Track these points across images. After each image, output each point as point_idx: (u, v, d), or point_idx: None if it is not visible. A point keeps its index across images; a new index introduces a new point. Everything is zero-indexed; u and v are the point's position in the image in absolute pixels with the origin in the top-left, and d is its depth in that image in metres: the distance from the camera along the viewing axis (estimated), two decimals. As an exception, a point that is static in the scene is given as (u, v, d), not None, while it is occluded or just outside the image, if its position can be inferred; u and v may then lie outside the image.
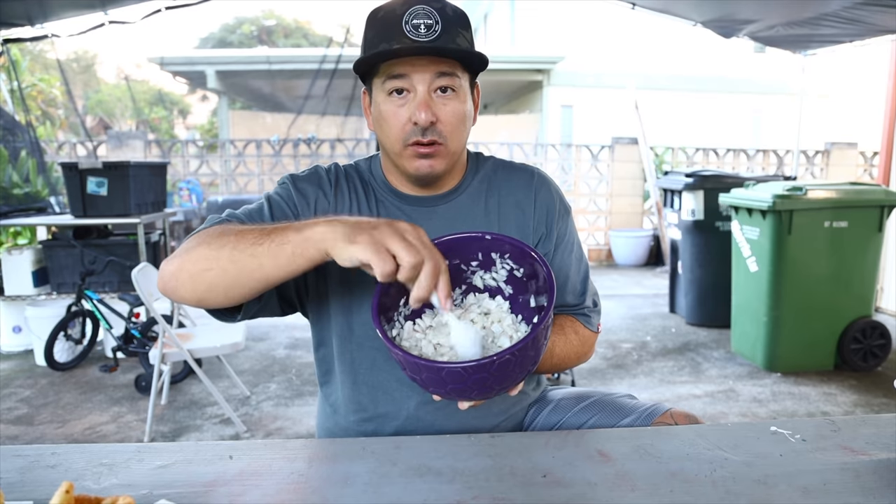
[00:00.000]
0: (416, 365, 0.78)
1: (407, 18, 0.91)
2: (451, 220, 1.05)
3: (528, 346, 0.77)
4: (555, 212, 1.09)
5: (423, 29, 0.91)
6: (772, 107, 11.35)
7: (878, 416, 0.98)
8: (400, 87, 0.93)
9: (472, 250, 0.92)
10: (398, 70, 0.93)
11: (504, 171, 1.11)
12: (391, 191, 1.06)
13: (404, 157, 0.97)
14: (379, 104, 0.97)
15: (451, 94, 0.95)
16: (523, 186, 1.08)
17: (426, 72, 0.93)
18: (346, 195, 1.05)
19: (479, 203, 1.07)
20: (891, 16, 3.87)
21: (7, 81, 4.91)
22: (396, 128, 0.95)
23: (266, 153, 7.13)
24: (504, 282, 0.93)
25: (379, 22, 0.94)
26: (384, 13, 0.94)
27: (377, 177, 1.08)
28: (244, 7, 20.57)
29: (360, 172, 1.09)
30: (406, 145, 0.96)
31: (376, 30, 0.94)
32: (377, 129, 1.00)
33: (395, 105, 0.95)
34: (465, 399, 0.83)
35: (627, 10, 4.48)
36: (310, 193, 1.03)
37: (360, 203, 1.05)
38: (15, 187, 4.56)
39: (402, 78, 0.93)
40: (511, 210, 1.07)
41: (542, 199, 1.08)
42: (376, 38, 0.94)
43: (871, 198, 3.40)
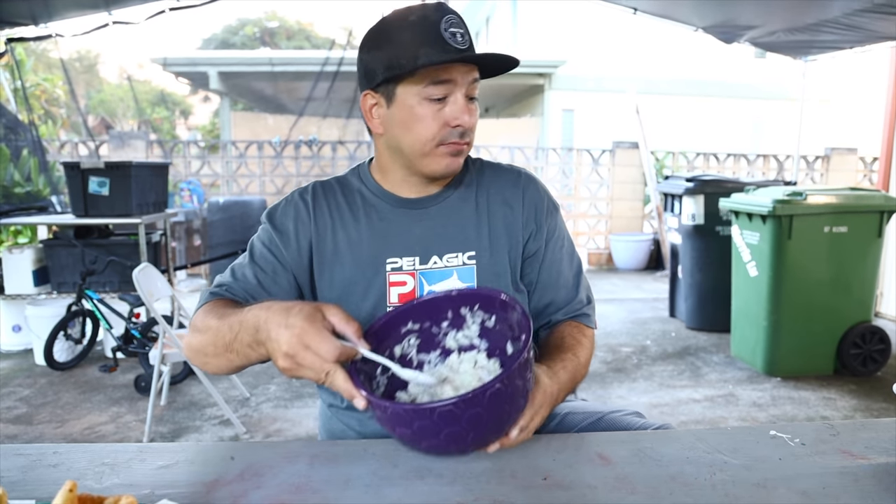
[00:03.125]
0: (405, 414, 0.75)
1: (445, 26, 0.93)
2: (442, 220, 1.07)
3: (515, 374, 0.75)
4: (543, 209, 1.11)
5: (459, 37, 0.94)
6: (772, 112, 11.36)
7: (876, 420, 0.99)
8: (445, 93, 0.96)
9: (441, 310, 0.91)
10: (444, 76, 0.95)
11: (491, 171, 1.14)
12: (386, 195, 1.08)
13: (434, 155, 1.00)
14: (412, 107, 0.97)
15: (474, 101, 1.00)
16: (511, 185, 1.11)
17: (465, 79, 0.97)
18: (325, 214, 1.07)
19: (469, 202, 1.09)
20: (891, 23, 3.88)
21: (10, 80, 4.92)
22: (432, 130, 0.98)
23: (267, 154, 7.14)
24: (478, 336, 0.92)
25: (413, 26, 0.95)
26: (416, 18, 0.95)
27: (369, 184, 1.09)
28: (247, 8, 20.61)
29: (343, 184, 1.11)
30: (437, 145, 0.99)
31: (411, 33, 0.94)
32: (398, 131, 1.00)
33: (433, 109, 0.97)
34: (461, 449, 0.79)
35: (629, 15, 4.49)
36: (289, 228, 1.06)
37: (344, 215, 1.07)
38: (16, 186, 4.57)
39: (447, 84, 0.96)
40: (500, 207, 1.09)
41: (530, 197, 1.11)
42: (414, 43, 0.94)
43: (871, 203, 3.40)
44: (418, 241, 1.05)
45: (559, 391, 0.92)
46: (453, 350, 0.94)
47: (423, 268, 1.04)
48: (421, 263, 1.04)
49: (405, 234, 1.05)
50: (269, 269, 1.04)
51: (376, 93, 1.01)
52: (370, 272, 1.04)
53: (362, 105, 1.04)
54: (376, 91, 1.01)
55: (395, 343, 0.91)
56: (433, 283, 1.04)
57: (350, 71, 5.81)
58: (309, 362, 0.78)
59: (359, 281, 1.04)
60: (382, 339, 0.90)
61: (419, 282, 1.04)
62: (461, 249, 1.06)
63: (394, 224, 1.06)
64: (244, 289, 1.03)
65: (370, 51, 1.00)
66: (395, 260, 1.04)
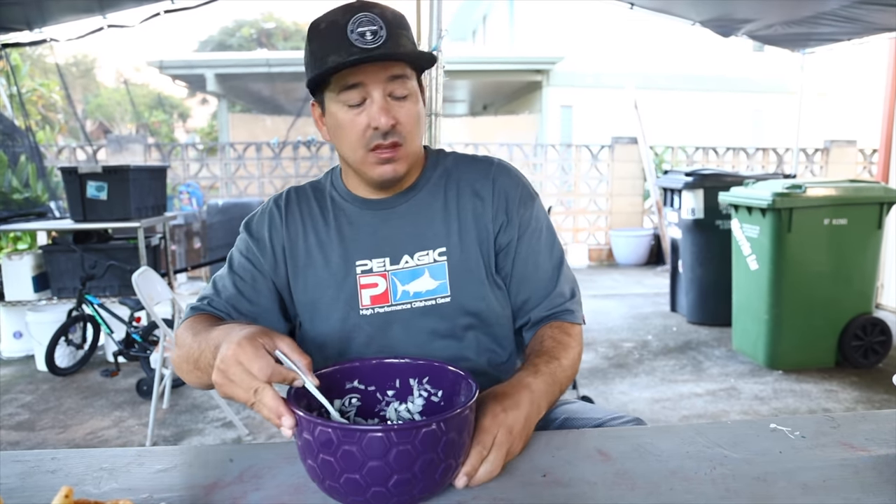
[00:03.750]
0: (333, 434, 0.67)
1: (352, 28, 0.91)
2: (412, 218, 1.05)
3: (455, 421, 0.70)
4: (515, 198, 1.07)
5: (368, 36, 0.91)
6: (771, 105, 11.34)
7: (877, 412, 0.98)
8: (357, 97, 0.94)
9: (389, 376, 0.88)
10: (352, 80, 0.93)
11: (464, 164, 1.11)
12: (353, 198, 1.08)
13: (366, 164, 0.98)
14: (335, 115, 0.97)
15: (404, 97, 0.97)
16: (481, 176, 1.08)
17: (379, 78, 0.94)
18: (297, 219, 1.07)
19: (438, 197, 1.07)
20: (889, 14, 3.87)
21: (6, 86, 4.91)
22: (356, 135, 0.96)
23: (266, 156, 7.14)
24: (419, 413, 0.88)
25: (322, 34, 0.94)
26: (326, 25, 0.94)
27: (339, 188, 1.10)
28: (243, 10, 20.60)
29: (316, 189, 1.12)
30: (368, 150, 0.97)
31: (320, 42, 0.94)
32: (335, 140, 1.01)
33: (352, 114, 0.96)
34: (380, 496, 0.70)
35: (626, 10, 4.47)
36: (264, 236, 1.07)
37: (315, 220, 1.07)
38: (15, 192, 4.57)
39: (358, 87, 0.94)
40: (469, 200, 1.06)
41: (501, 187, 1.07)
42: (322, 51, 0.94)
43: (871, 195, 3.40)
44: (388, 242, 1.04)
45: (537, 411, 0.89)
46: (392, 422, 0.89)
47: (394, 268, 1.03)
48: (392, 264, 1.03)
49: (374, 236, 1.05)
50: (248, 277, 1.05)
51: (316, 102, 1.03)
52: (340, 275, 1.03)
53: (313, 115, 1.05)
54: (316, 100, 1.02)
55: (337, 397, 0.87)
56: (406, 282, 1.03)
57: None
58: (238, 378, 0.73)
59: (330, 284, 1.03)
60: (325, 388, 0.84)
61: (391, 282, 1.03)
62: (431, 246, 1.04)
63: (362, 226, 1.05)
64: (226, 299, 1.04)
65: (304, 60, 1.00)
66: (365, 262, 1.03)
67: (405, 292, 1.03)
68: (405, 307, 1.03)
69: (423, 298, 1.03)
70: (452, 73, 2.53)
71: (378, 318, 1.02)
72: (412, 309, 1.03)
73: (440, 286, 1.03)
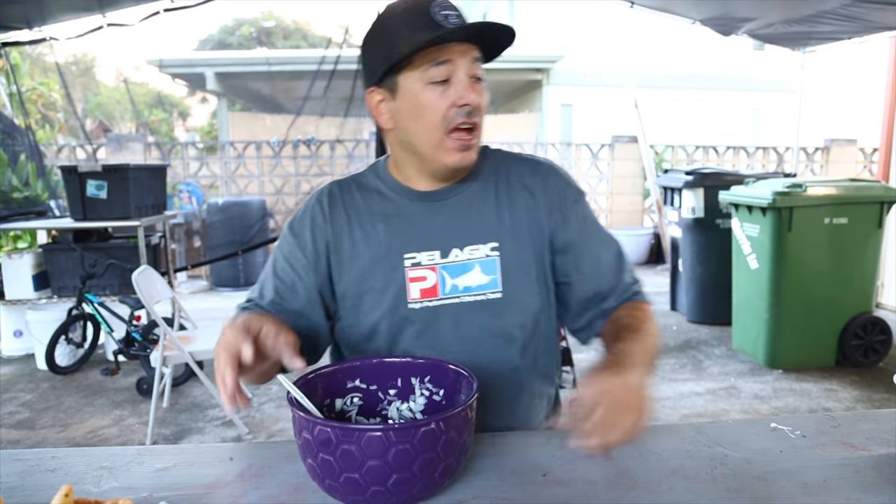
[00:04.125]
0: (332, 433, 0.68)
1: (434, 10, 0.91)
2: (463, 210, 1.03)
3: (454, 420, 0.71)
4: (569, 196, 1.07)
5: (452, 18, 0.92)
6: (771, 104, 11.34)
7: (877, 411, 0.98)
8: (445, 73, 0.93)
9: (390, 375, 0.88)
10: (443, 56, 0.92)
11: (511, 160, 1.10)
12: (402, 190, 1.05)
13: (443, 149, 0.96)
14: (415, 94, 0.95)
15: (480, 82, 0.97)
16: (531, 173, 1.07)
17: (466, 57, 0.94)
18: (341, 213, 1.05)
19: (489, 190, 1.05)
20: (889, 13, 3.87)
21: (6, 85, 4.91)
22: (438, 115, 0.94)
23: (266, 154, 7.13)
24: (421, 412, 0.88)
25: (401, 16, 0.94)
26: (405, 6, 0.94)
27: (386, 180, 1.06)
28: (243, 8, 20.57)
29: (360, 183, 1.08)
30: (447, 133, 0.95)
31: (400, 23, 0.93)
32: (407, 123, 0.98)
33: (437, 92, 0.94)
34: (380, 496, 0.70)
35: (626, 9, 4.47)
36: (305, 234, 1.05)
37: (360, 213, 1.04)
38: (14, 191, 4.57)
39: (447, 63, 0.93)
40: (520, 194, 1.05)
41: (553, 185, 1.06)
42: (407, 29, 0.92)
43: (871, 194, 3.40)
44: (438, 234, 1.02)
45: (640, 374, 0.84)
46: (394, 421, 0.89)
47: (444, 261, 1.01)
48: (442, 257, 1.01)
49: (423, 228, 1.02)
50: (289, 280, 1.03)
51: (381, 88, 0.99)
52: (388, 268, 1.01)
53: (368, 103, 1.02)
54: (380, 86, 0.99)
55: (339, 396, 0.87)
56: (455, 276, 1.01)
57: (347, 69, 5.80)
58: (217, 355, 0.81)
59: (376, 278, 1.01)
60: (328, 388, 0.86)
61: (440, 276, 1.01)
62: (483, 241, 1.02)
63: (412, 218, 1.03)
64: (268, 303, 1.03)
65: (369, 48, 0.99)
66: (413, 255, 1.01)
67: (454, 286, 1.01)
68: (454, 301, 1.01)
69: (473, 293, 1.01)
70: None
71: (427, 312, 1.01)
72: (461, 303, 1.01)
73: (491, 281, 1.01)
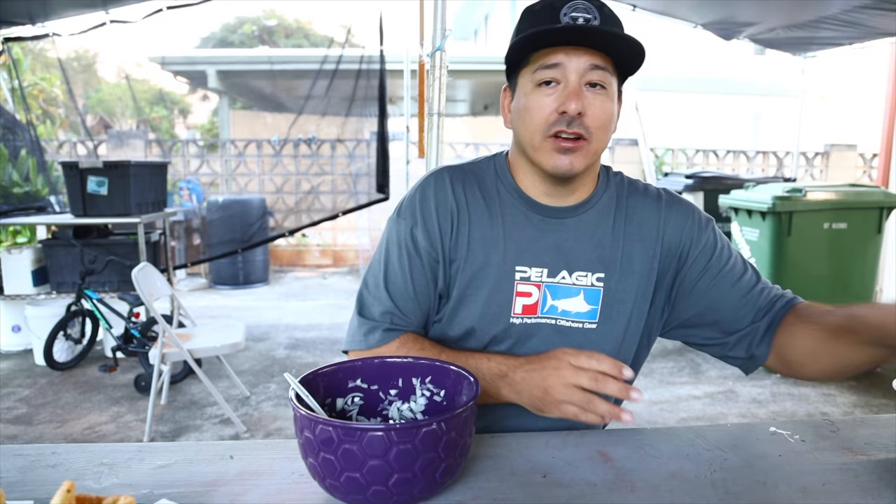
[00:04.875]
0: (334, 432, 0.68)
1: (566, 11, 0.88)
2: (578, 235, 0.99)
3: (455, 420, 0.71)
4: (691, 235, 1.01)
5: (581, 21, 0.88)
6: (772, 108, 11.35)
7: (876, 416, 0.99)
8: (552, 76, 0.90)
9: (391, 375, 0.88)
10: (552, 59, 0.89)
11: (633, 191, 1.04)
12: (520, 196, 1.00)
13: (542, 150, 0.92)
14: (524, 95, 0.93)
15: (600, 90, 0.90)
16: (651, 209, 1.01)
17: (580, 63, 0.89)
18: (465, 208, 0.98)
19: (607, 220, 1.00)
20: (890, 19, 3.87)
21: (8, 80, 4.91)
22: (540, 118, 0.91)
23: (267, 153, 7.13)
24: (422, 412, 0.88)
25: (534, 14, 0.92)
26: (541, 6, 0.92)
27: (506, 181, 1.01)
28: (245, 7, 20.56)
29: (480, 177, 1.02)
30: (546, 136, 0.91)
31: (531, 21, 0.91)
32: (517, 123, 0.96)
33: (542, 94, 0.91)
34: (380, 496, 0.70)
35: (628, 12, 4.48)
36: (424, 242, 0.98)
37: (481, 213, 0.99)
38: (15, 186, 4.56)
39: (555, 67, 0.89)
40: (636, 231, 1.00)
41: (673, 224, 1.01)
42: (527, 25, 0.91)
43: (871, 199, 3.40)
44: (550, 253, 0.98)
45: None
46: (395, 421, 0.89)
47: (550, 281, 0.98)
48: (549, 276, 0.98)
49: (538, 243, 0.98)
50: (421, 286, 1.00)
51: (509, 85, 0.99)
52: (497, 278, 0.97)
53: (501, 102, 1.02)
54: (509, 83, 0.99)
55: (340, 396, 0.87)
56: (558, 298, 0.98)
57: (349, 69, 5.79)
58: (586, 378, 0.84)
59: (484, 285, 0.97)
60: (329, 387, 0.86)
61: (543, 294, 0.98)
62: (592, 269, 0.98)
63: (528, 230, 0.99)
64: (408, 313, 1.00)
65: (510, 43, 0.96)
66: (525, 269, 0.97)
67: (553, 307, 0.98)
68: (549, 322, 0.98)
69: (570, 318, 0.98)
70: (454, 72, 2.52)
71: (524, 328, 0.98)
72: (555, 325, 0.98)
73: (590, 311, 0.98)
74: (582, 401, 0.81)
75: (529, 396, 0.87)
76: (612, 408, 0.80)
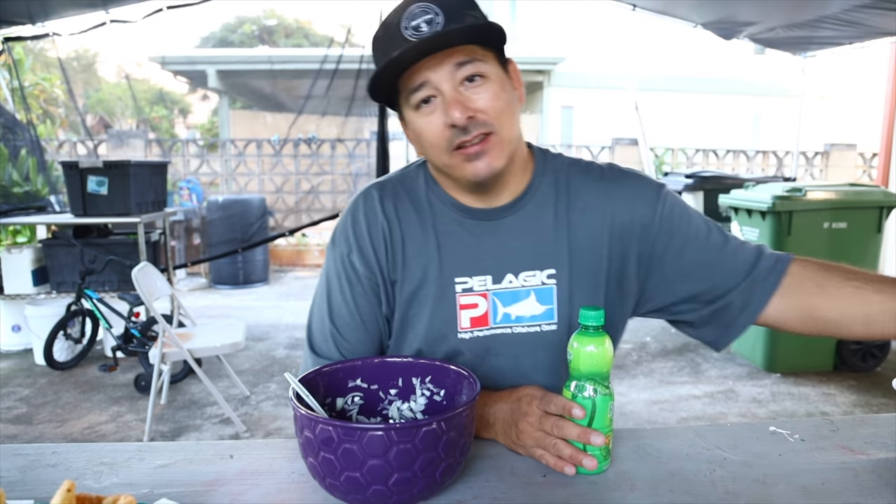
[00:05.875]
0: (334, 432, 0.68)
1: (405, 24, 0.82)
2: (518, 233, 0.93)
3: (455, 420, 0.70)
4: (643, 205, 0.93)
5: (424, 27, 0.81)
6: (771, 108, 11.35)
7: (876, 416, 0.99)
8: (425, 95, 0.84)
9: (392, 375, 0.88)
10: (416, 81, 0.83)
11: (575, 172, 0.96)
12: (452, 203, 0.94)
13: (455, 166, 0.87)
14: (412, 122, 0.87)
15: (480, 81, 0.84)
16: (595, 189, 0.94)
17: (443, 68, 0.82)
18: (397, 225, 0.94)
19: (547, 210, 0.94)
20: (890, 18, 3.87)
21: (8, 80, 4.91)
22: (435, 138, 0.85)
23: (266, 153, 7.14)
24: (422, 412, 0.88)
25: (380, 40, 0.86)
26: (383, 27, 0.85)
27: (436, 190, 0.96)
28: (245, 7, 20.55)
29: (409, 188, 0.96)
30: (451, 152, 0.85)
31: (381, 49, 0.86)
32: (422, 151, 0.91)
33: (425, 115, 0.85)
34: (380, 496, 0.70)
35: (628, 12, 4.48)
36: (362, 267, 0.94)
37: (413, 227, 0.94)
38: (15, 186, 4.56)
39: (423, 87, 0.83)
40: (581, 216, 0.94)
41: (621, 201, 0.93)
42: (380, 55, 0.86)
43: (870, 199, 3.40)
44: (491, 258, 0.93)
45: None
46: (395, 420, 0.89)
47: (496, 287, 0.92)
48: (494, 283, 0.92)
49: (476, 250, 0.93)
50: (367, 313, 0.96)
51: (401, 117, 0.93)
52: (437, 292, 0.93)
53: (405, 133, 0.94)
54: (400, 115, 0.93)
55: (340, 395, 0.87)
56: (509, 304, 0.93)
57: (349, 69, 5.80)
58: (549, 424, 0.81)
59: (426, 304, 0.93)
60: (329, 386, 0.86)
61: (492, 303, 0.93)
62: (540, 267, 0.92)
63: (464, 238, 0.93)
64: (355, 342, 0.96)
65: None
66: (465, 280, 0.92)
67: (506, 315, 0.93)
68: (505, 331, 0.93)
69: (526, 324, 0.93)
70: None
71: (477, 343, 0.93)
72: (513, 335, 0.93)
73: (546, 312, 0.93)
74: (547, 445, 0.79)
75: (505, 436, 0.85)
76: (575, 451, 0.77)
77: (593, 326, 0.78)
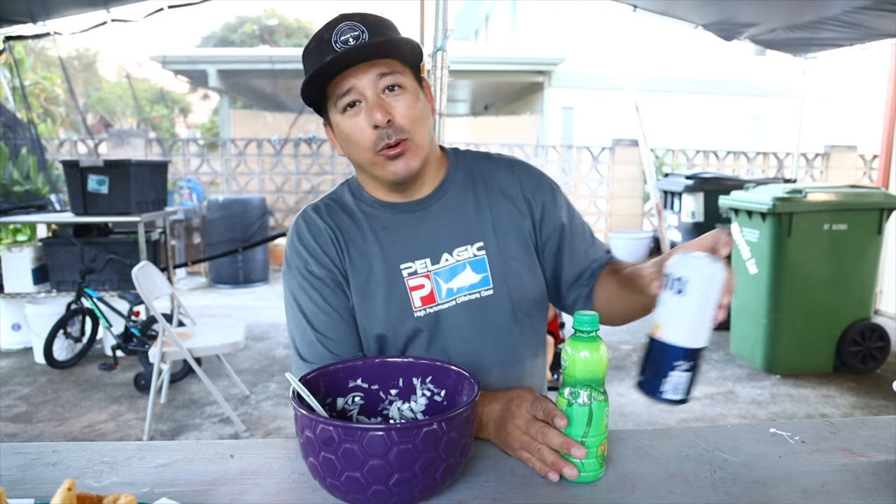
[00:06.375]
0: (335, 432, 0.68)
1: (335, 38, 0.94)
2: (446, 216, 1.06)
3: (455, 421, 0.71)
4: (546, 193, 1.11)
5: (351, 42, 0.93)
6: (772, 109, 11.35)
7: (876, 418, 0.99)
8: (351, 100, 0.96)
9: (392, 375, 0.89)
10: (344, 86, 0.95)
11: (485, 162, 1.13)
12: (382, 205, 1.06)
13: (377, 165, 0.98)
14: (339, 125, 0.99)
15: (399, 91, 0.97)
16: (507, 175, 1.11)
17: (368, 78, 0.95)
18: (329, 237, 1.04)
19: (468, 194, 1.08)
20: (891, 20, 3.88)
21: (9, 79, 4.91)
22: (362, 139, 0.97)
23: (267, 152, 7.13)
24: (422, 412, 0.89)
25: (312, 52, 0.97)
26: (315, 42, 0.97)
27: (363, 198, 1.08)
28: (246, 6, 20.58)
29: (339, 203, 1.08)
30: (375, 153, 0.97)
31: (311, 60, 0.97)
32: (347, 151, 1.02)
33: (352, 118, 0.97)
34: (380, 495, 0.70)
35: (629, 13, 4.48)
36: (322, 270, 1.03)
37: (350, 232, 1.05)
38: (15, 184, 4.56)
39: (350, 92, 0.95)
40: (498, 196, 1.08)
41: (529, 186, 1.10)
42: (309, 65, 0.97)
43: (871, 201, 3.40)
44: (426, 242, 1.04)
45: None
46: (395, 421, 0.90)
47: (435, 268, 1.04)
48: (433, 264, 1.04)
49: (412, 238, 1.05)
50: (341, 308, 1.03)
51: (326, 121, 1.04)
52: (388, 280, 1.03)
53: (329, 137, 1.06)
54: (324, 119, 1.04)
55: (340, 395, 0.88)
56: (449, 280, 1.03)
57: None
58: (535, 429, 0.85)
59: (378, 292, 1.03)
60: (329, 386, 0.86)
61: (435, 282, 1.03)
62: (469, 241, 1.05)
63: (399, 229, 1.05)
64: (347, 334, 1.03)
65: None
66: (409, 264, 1.03)
67: (449, 290, 1.03)
68: (451, 304, 1.03)
69: (467, 293, 1.04)
70: (454, 72, 2.52)
71: (431, 319, 1.03)
72: (457, 305, 1.03)
73: (482, 279, 1.04)
74: (532, 449, 0.81)
75: (496, 437, 0.87)
76: (557, 459, 0.79)
77: (587, 331, 0.78)
